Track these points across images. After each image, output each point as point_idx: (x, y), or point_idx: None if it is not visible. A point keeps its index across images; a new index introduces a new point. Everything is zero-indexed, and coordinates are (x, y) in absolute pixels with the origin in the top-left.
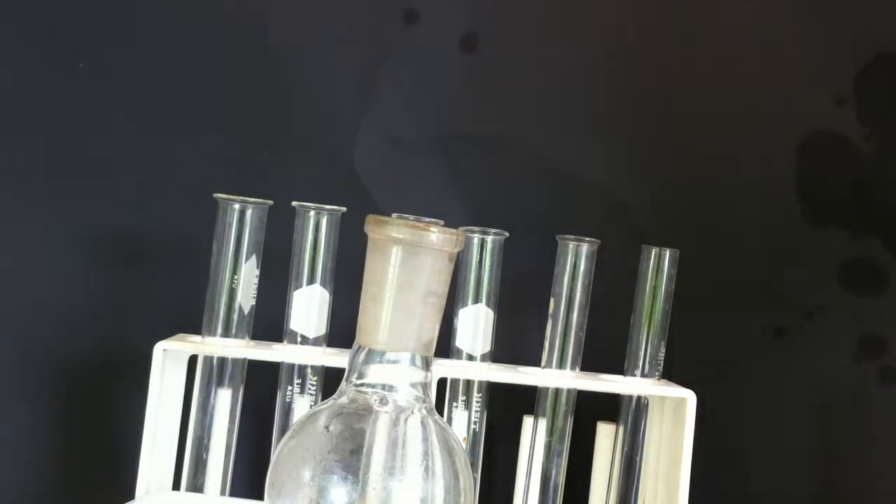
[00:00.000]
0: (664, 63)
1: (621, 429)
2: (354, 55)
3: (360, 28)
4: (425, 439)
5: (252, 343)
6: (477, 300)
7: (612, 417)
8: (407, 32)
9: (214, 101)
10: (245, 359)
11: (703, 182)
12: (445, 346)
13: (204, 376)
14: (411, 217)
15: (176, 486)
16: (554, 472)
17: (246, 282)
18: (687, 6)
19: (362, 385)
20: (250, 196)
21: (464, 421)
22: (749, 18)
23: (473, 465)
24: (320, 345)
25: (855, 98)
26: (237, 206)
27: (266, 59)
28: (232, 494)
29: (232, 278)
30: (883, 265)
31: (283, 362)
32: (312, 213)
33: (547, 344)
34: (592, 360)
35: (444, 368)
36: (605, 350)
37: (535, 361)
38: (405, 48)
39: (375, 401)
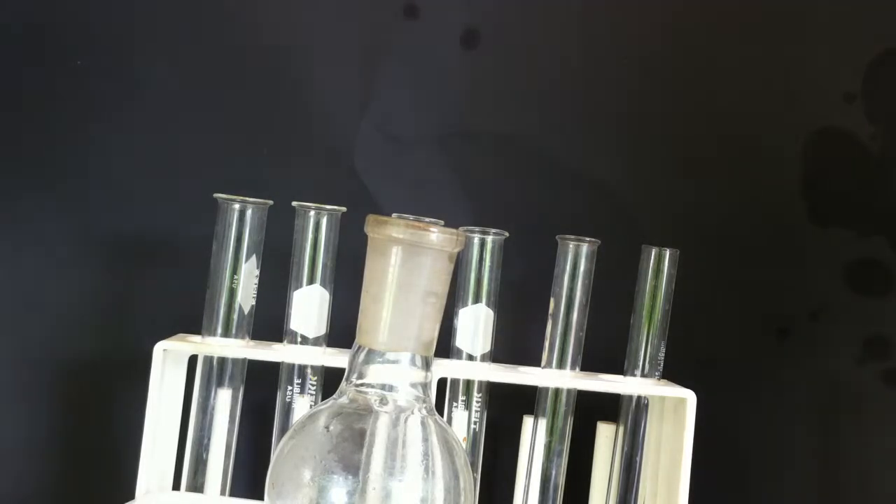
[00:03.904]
0: (666, 60)
1: (621, 429)
2: (354, 53)
3: (360, 24)
4: (425, 439)
5: (252, 343)
6: (477, 300)
7: (612, 417)
8: (407, 28)
9: (214, 101)
10: (245, 359)
11: (706, 181)
12: (445, 346)
13: (204, 376)
14: (411, 217)
15: (176, 486)
16: (554, 472)
17: (246, 282)
18: (690, 3)
19: (362, 385)
20: (250, 196)
21: (464, 421)
22: (753, 15)
23: (473, 465)
24: (320, 345)
25: (863, 95)
26: (237, 206)
27: (266, 59)
28: (232, 494)
29: (232, 278)
30: (889, 265)
31: (283, 362)
32: (312, 213)
33: (547, 344)
34: (592, 360)
35: (444, 368)
36: (605, 350)
37: (535, 361)
38: (405, 45)
39: (375, 401)
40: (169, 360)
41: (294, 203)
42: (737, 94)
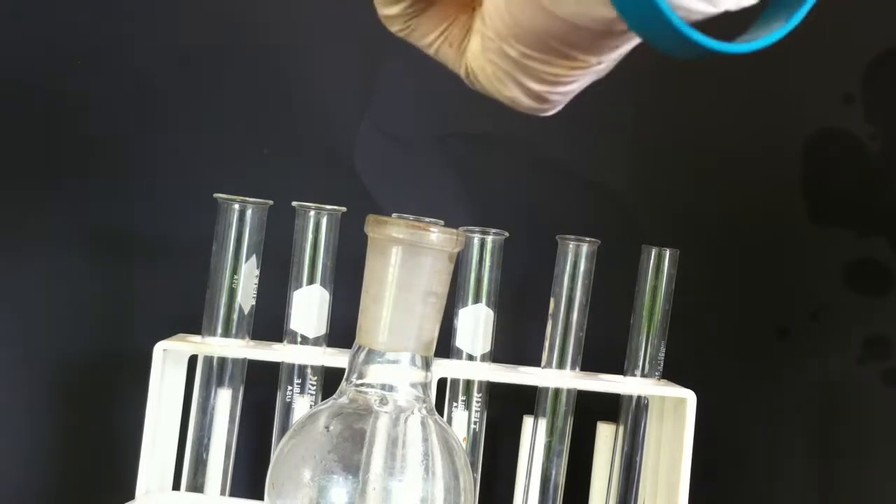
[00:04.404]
0: (667, 60)
1: (621, 429)
2: (354, 52)
3: (360, 24)
4: (425, 439)
5: (252, 343)
6: (477, 300)
7: (612, 417)
8: None
9: (214, 101)
10: (245, 359)
11: (706, 181)
12: (445, 346)
13: (204, 376)
14: (411, 217)
15: (176, 486)
16: (554, 472)
17: (246, 282)
18: None
19: (362, 385)
20: (250, 196)
21: (464, 421)
22: (753, 15)
23: (473, 465)
24: (320, 345)
25: (863, 96)
26: (237, 206)
27: (266, 59)
28: (232, 494)
29: (232, 278)
30: (889, 265)
31: (283, 362)
32: (312, 213)
33: (547, 344)
34: (592, 360)
35: (444, 368)
36: (605, 350)
37: (535, 361)
38: (405, 44)
39: (375, 401)
40: (169, 360)
41: (294, 203)
42: (737, 95)
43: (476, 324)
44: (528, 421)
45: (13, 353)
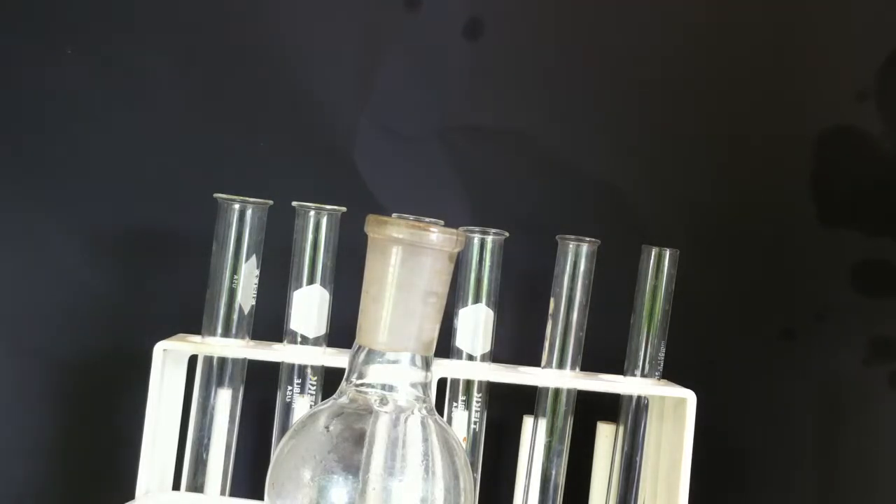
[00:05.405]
0: (671, 57)
1: (621, 429)
2: (355, 47)
3: (360, 16)
4: (425, 439)
5: (252, 343)
6: (477, 300)
7: (612, 417)
8: (408, 21)
9: (214, 101)
10: (245, 359)
11: (709, 180)
12: (445, 346)
13: (204, 376)
14: (411, 217)
15: (176, 486)
16: (554, 472)
17: (246, 282)
18: None
19: (362, 385)
20: (250, 196)
21: (464, 421)
22: (764, 13)
23: (473, 465)
24: (320, 345)
25: (876, 94)
26: (237, 206)
27: (266, 58)
28: (232, 494)
29: (232, 278)
30: None
31: (283, 362)
32: (312, 213)
33: (547, 344)
34: (592, 360)
35: (444, 368)
36: (605, 350)
37: (535, 361)
38: (406, 38)
39: (375, 401)
40: (169, 360)
41: (294, 203)
42: (746, 92)
43: (476, 324)
44: (528, 421)
45: (13, 353)
